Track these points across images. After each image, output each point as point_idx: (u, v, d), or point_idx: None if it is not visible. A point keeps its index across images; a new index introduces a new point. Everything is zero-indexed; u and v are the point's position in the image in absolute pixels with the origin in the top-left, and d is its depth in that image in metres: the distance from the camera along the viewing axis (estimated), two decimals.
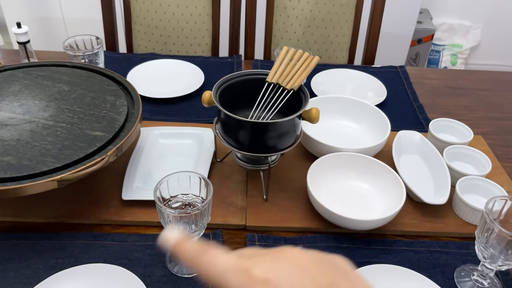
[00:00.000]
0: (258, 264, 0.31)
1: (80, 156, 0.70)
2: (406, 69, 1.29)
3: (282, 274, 0.30)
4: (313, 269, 0.31)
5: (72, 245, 0.73)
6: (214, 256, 0.33)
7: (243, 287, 0.30)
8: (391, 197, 0.79)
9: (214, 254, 0.33)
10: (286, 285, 0.30)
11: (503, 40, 2.73)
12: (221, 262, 0.32)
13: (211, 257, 0.33)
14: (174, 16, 1.39)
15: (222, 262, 0.32)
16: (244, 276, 0.31)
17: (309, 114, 0.78)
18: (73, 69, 0.93)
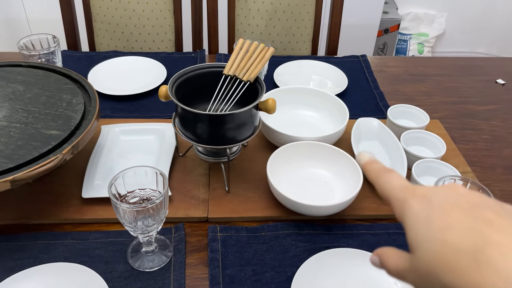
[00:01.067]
0: (423, 187, 0.36)
1: (34, 156, 0.69)
2: (367, 58, 1.32)
3: (440, 193, 0.34)
4: (470, 195, 0.34)
5: (31, 246, 0.73)
6: (391, 176, 0.39)
7: (406, 198, 0.35)
8: (350, 183, 0.81)
9: (392, 175, 0.39)
10: (440, 200, 0.33)
11: (467, 27, 2.79)
12: (395, 181, 0.38)
13: (389, 177, 0.39)
14: (134, 12, 1.38)
15: (395, 182, 0.38)
16: (408, 192, 0.36)
17: (266, 105, 0.79)
18: (29, 69, 0.91)
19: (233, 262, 0.72)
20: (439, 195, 0.34)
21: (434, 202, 0.33)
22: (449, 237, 0.31)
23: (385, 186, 0.39)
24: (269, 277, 0.70)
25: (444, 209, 0.32)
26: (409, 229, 0.34)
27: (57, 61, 1.02)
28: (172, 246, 0.74)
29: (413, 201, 0.35)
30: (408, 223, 0.34)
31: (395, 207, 0.37)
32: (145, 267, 0.70)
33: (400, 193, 0.36)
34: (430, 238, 0.32)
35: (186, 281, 0.70)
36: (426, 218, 0.33)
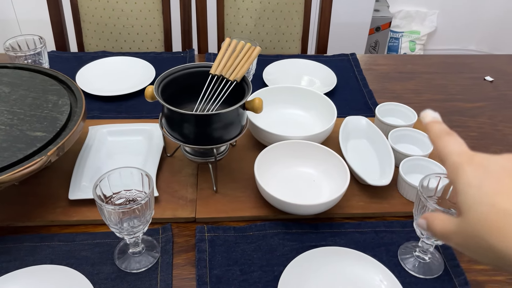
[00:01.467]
0: (482, 155, 0.37)
1: (19, 158, 0.69)
2: (356, 56, 1.32)
3: (497, 161, 0.35)
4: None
5: (17, 248, 0.72)
6: (451, 140, 0.39)
7: (462, 164, 0.36)
8: (337, 181, 0.81)
9: (452, 138, 0.39)
10: (496, 167, 0.35)
11: (458, 24, 2.81)
12: (454, 146, 0.38)
13: (449, 140, 0.39)
14: (123, 12, 1.37)
15: (454, 146, 0.38)
16: (465, 158, 0.37)
17: (253, 104, 0.79)
18: (15, 70, 0.91)
19: (220, 262, 0.72)
20: (496, 163, 0.35)
21: (490, 169, 0.35)
22: (498, 201, 0.32)
23: (443, 149, 0.39)
24: (256, 276, 0.70)
25: (497, 176, 0.34)
26: (460, 192, 0.35)
27: (43, 62, 1.02)
28: (159, 247, 0.74)
29: (468, 167, 0.36)
30: (459, 187, 0.35)
31: (449, 170, 0.37)
32: (132, 268, 0.70)
33: (456, 157, 0.37)
34: (479, 201, 0.33)
35: (173, 281, 0.70)
36: (478, 183, 0.34)
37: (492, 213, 0.32)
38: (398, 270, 0.72)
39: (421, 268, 0.72)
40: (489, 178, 0.34)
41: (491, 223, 0.32)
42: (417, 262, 0.73)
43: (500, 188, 0.33)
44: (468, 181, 0.35)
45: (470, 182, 0.35)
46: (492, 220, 0.32)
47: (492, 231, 0.32)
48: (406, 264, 0.73)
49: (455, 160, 0.37)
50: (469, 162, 0.36)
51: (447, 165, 0.38)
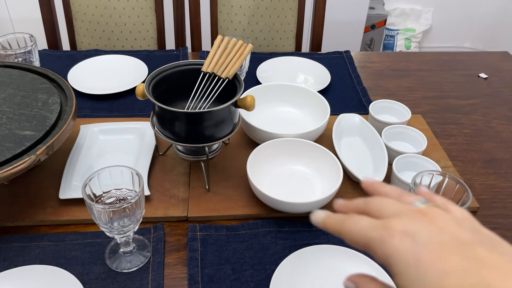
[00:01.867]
0: (397, 220, 0.32)
1: (7, 157, 0.68)
2: (350, 54, 1.31)
3: (421, 228, 0.31)
4: (451, 227, 0.31)
5: (6, 249, 0.71)
6: (353, 219, 0.35)
7: (383, 238, 0.32)
8: (330, 179, 0.81)
9: (354, 217, 0.35)
10: (425, 237, 0.30)
11: (453, 22, 2.81)
12: (361, 222, 0.34)
13: (352, 220, 0.35)
14: (115, 10, 1.36)
15: (361, 223, 0.34)
16: (383, 229, 0.32)
17: (245, 102, 0.78)
18: (4, 69, 0.90)
19: (212, 261, 0.71)
20: (421, 231, 0.31)
21: (419, 240, 0.30)
22: (449, 284, 0.28)
23: (353, 232, 0.34)
24: (248, 275, 0.69)
25: (433, 249, 0.30)
26: (399, 274, 0.31)
27: (34, 60, 1.01)
28: (150, 246, 0.73)
29: (393, 240, 0.31)
30: (395, 268, 0.31)
31: (374, 250, 0.32)
32: (122, 267, 0.70)
33: (373, 233, 0.32)
34: (424, 284, 0.29)
35: (165, 281, 0.69)
36: (416, 261, 0.30)
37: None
38: None
39: None
40: (425, 253, 0.30)
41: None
42: None
43: (445, 267, 0.29)
44: (405, 260, 0.30)
45: (407, 261, 0.30)
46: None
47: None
48: None
49: (373, 236, 0.32)
50: (390, 234, 0.31)
51: (369, 246, 0.33)
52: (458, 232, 0.31)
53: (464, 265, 0.29)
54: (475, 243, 0.30)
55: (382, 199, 0.36)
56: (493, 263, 0.29)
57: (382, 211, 0.34)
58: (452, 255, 0.29)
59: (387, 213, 0.34)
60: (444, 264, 0.29)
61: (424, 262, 0.29)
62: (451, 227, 0.31)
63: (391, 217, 0.33)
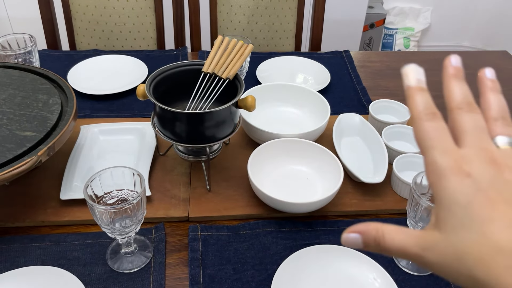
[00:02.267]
0: (467, 159, 0.31)
1: (8, 158, 0.68)
2: (350, 53, 1.31)
3: (486, 175, 0.30)
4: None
5: (7, 250, 0.72)
6: (434, 127, 0.33)
7: (445, 169, 0.31)
8: (331, 179, 0.81)
9: (436, 124, 0.33)
10: (486, 184, 0.30)
11: (452, 21, 2.81)
12: (439, 136, 0.32)
13: (432, 126, 0.33)
14: (114, 10, 1.36)
15: (439, 136, 0.32)
16: (451, 160, 0.31)
17: (245, 102, 0.79)
18: (4, 69, 0.89)
19: (213, 261, 0.71)
20: (486, 177, 0.30)
21: (479, 185, 0.30)
22: (491, 231, 0.28)
23: (424, 138, 0.32)
24: (249, 275, 0.70)
25: (489, 197, 0.29)
26: (443, 207, 0.30)
27: (34, 60, 1.01)
28: (152, 247, 0.73)
29: (454, 177, 0.30)
30: (442, 200, 0.30)
31: (428, 169, 0.31)
32: (124, 268, 0.70)
33: (439, 157, 0.31)
34: (467, 225, 0.29)
35: (166, 281, 0.69)
36: (466, 202, 0.29)
37: (481, 243, 0.28)
38: (392, 267, 0.72)
39: (414, 265, 0.72)
40: (479, 198, 0.29)
41: (479, 255, 0.28)
42: None
43: (492, 214, 0.29)
44: (454, 197, 0.30)
45: (457, 199, 0.30)
46: (480, 252, 0.28)
47: (478, 263, 0.28)
48: (400, 261, 0.72)
49: (437, 160, 0.31)
50: (456, 169, 0.30)
51: (426, 162, 0.32)
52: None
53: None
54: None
55: (471, 122, 0.33)
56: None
57: (462, 136, 0.33)
58: (505, 206, 0.29)
59: (466, 142, 0.32)
60: (492, 211, 0.29)
61: (474, 206, 0.29)
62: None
63: (466, 153, 0.31)
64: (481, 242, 0.29)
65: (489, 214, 0.29)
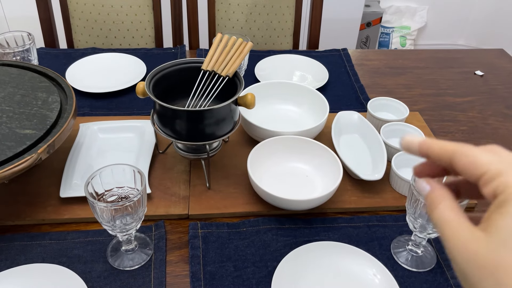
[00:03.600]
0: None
1: (8, 156, 0.68)
2: (348, 52, 1.32)
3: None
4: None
5: (7, 248, 0.71)
6: (472, 149, 0.32)
7: (503, 177, 0.30)
8: (330, 176, 0.81)
9: (469, 147, 0.32)
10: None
11: (447, 20, 2.82)
12: (483, 154, 0.32)
13: (470, 150, 0.32)
14: (112, 8, 1.36)
15: (483, 154, 0.32)
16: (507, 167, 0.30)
17: (245, 100, 0.79)
18: (3, 67, 0.89)
19: (214, 259, 0.72)
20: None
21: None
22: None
23: (472, 164, 0.31)
24: (250, 272, 0.70)
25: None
26: (505, 214, 0.28)
27: (32, 58, 1.00)
28: (152, 244, 0.74)
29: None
30: (507, 208, 0.28)
31: (491, 185, 0.30)
32: (125, 265, 0.70)
33: (495, 168, 0.30)
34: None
35: (167, 278, 0.69)
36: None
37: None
38: (391, 263, 0.72)
39: (414, 262, 0.72)
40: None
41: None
42: (410, 256, 0.73)
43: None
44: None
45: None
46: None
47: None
48: (399, 258, 0.73)
49: (493, 170, 0.30)
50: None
51: (483, 178, 0.30)
52: None
53: None
54: None
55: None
56: None
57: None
58: None
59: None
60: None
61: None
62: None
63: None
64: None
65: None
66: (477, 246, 0.29)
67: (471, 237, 0.30)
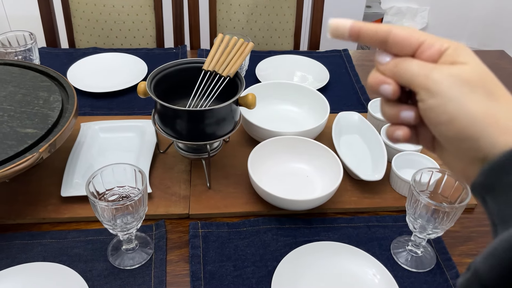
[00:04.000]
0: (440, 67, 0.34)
1: (9, 155, 0.68)
2: (349, 52, 1.32)
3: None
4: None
5: (8, 246, 0.72)
6: (391, 26, 0.35)
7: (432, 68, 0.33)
8: (330, 177, 0.82)
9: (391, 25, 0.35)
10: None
11: (449, 21, 2.82)
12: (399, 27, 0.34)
13: (389, 26, 0.35)
14: (114, 8, 1.36)
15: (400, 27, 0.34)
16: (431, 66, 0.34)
17: (246, 100, 0.79)
18: (4, 67, 0.90)
19: (214, 258, 0.72)
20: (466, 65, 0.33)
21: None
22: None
23: (409, 33, 0.34)
24: (250, 272, 0.70)
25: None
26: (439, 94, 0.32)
27: (34, 58, 1.01)
28: (153, 243, 0.74)
29: (442, 69, 0.33)
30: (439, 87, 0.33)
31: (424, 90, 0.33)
32: (125, 264, 0.70)
33: (432, 36, 0.34)
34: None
35: (167, 278, 0.69)
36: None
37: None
38: (390, 264, 0.72)
39: (413, 262, 0.72)
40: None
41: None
42: (410, 256, 0.73)
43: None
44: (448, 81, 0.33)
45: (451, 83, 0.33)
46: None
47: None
48: (399, 258, 0.73)
49: (435, 39, 0.34)
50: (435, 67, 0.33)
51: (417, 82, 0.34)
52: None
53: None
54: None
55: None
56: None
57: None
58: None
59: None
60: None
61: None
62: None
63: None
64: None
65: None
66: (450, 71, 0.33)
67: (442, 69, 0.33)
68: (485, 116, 0.32)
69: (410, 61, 0.34)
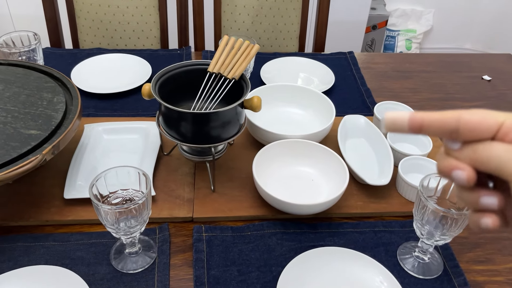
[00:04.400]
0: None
1: (13, 156, 0.68)
2: (354, 55, 1.31)
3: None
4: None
5: (10, 248, 0.71)
6: (458, 112, 0.32)
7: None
8: (336, 181, 0.81)
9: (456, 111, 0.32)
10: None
11: (454, 23, 2.81)
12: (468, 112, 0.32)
13: (456, 113, 0.32)
14: (119, 9, 1.35)
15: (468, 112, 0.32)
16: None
17: (251, 103, 0.78)
18: (8, 67, 0.89)
19: (218, 263, 0.71)
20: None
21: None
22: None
23: (482, 117, 0.32)
24: (254, 277, 0.69)
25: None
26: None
27: (38, 58, 1.00)
28: (156, 247, 0.73)
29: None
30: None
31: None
32: (128, 268, 0.69)
33: (508, 115, 0.32)
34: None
35: (170, 282, 0.69)
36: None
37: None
38: (397, 270, 0.71)
39: (420, 269, 0.71)
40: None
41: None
42: (417, 263, 0.72)
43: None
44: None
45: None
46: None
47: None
48: (406, 265, 0.72)
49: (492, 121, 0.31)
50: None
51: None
52: None
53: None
54: None
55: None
56: None
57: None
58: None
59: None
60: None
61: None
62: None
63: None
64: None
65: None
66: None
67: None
68: None
69: (493, 146, 0.31)
